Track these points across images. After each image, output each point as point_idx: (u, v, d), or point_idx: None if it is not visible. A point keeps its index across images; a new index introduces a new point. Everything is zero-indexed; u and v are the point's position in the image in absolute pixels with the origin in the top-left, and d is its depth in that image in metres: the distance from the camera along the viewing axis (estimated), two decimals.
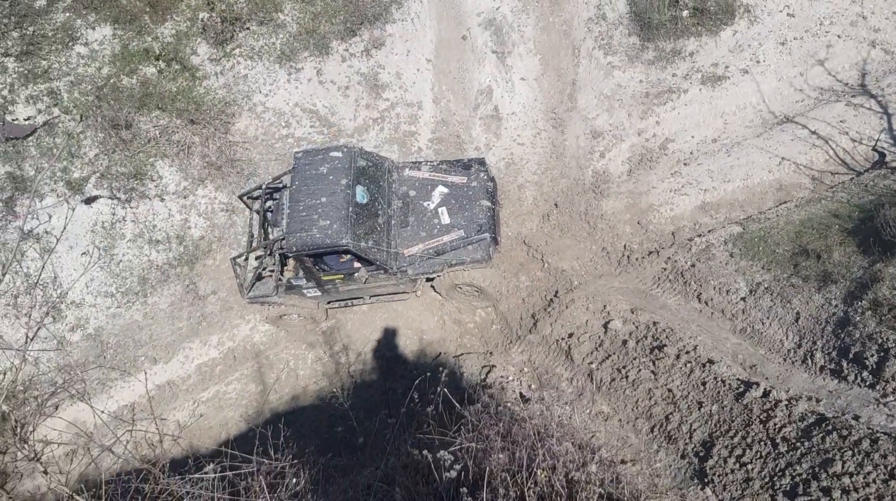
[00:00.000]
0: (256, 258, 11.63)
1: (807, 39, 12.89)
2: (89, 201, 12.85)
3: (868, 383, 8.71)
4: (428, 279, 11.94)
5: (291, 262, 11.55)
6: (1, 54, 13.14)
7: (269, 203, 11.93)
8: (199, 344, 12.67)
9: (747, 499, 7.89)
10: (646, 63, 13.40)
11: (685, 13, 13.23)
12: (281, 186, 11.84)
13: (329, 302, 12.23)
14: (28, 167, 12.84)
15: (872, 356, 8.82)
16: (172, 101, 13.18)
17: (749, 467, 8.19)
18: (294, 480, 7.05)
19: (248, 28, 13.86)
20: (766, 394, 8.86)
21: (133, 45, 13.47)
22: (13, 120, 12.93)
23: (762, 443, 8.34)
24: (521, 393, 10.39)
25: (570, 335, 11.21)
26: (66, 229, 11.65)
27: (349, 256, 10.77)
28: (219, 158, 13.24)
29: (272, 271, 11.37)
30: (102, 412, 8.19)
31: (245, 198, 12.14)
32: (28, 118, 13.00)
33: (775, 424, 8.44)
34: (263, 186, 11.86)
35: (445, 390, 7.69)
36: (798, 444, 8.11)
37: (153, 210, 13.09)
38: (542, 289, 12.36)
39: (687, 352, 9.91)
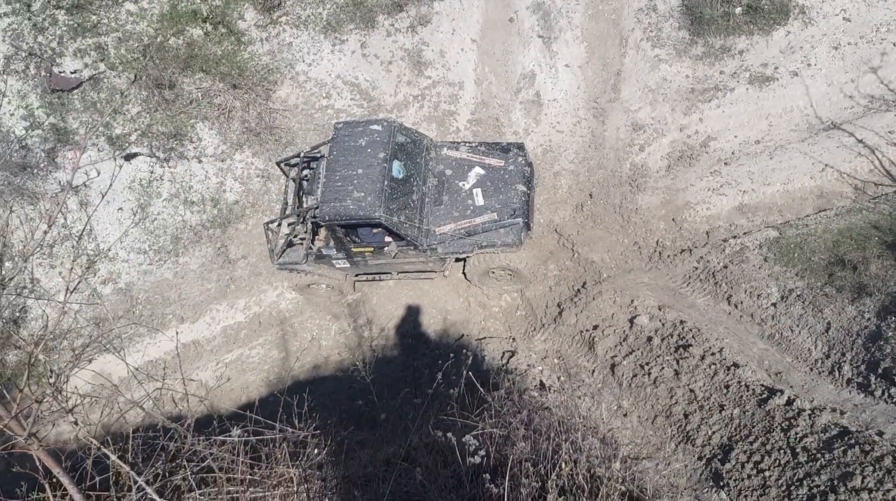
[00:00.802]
0: (289, 225, 11.71)
1: (861, 45, 12.61)
2: (129, 157, 13.01)
3: (895, 399, 8.62)
4: (458, 260, 11.95)
5: (323, 231, 11.62)
6: (52, 6, 13.25)
7: (305, 172, 11.99)
8: (226, 307, 12.84)
9: None
10: (693, 58, 13.19)
11: (738, 10, 12.99)
12: (318, 155, 11.88)
13: (357, 275, 12.29)
14: (72, 120, 13.00)
15: None
16: (216, 64, 13.25)
17: (766, 474, 8.17)
18: (315, 451, 7.15)
19: None
20: (789, 402, 8.81)
21: (182, 6, 13.52)
22: (60, 72, 13.07)
23: (782, 451, 8.31)
24: (541, 381, 10.41)
25: (595, 328, 11.20)
26: (111, 187, 11.80)
27: (380, 229, 10.81)
28: (258, 125, 13.32)
29: (303, 238, 11.45)
30: (137, 369, 8.34)
31: (282, 165, 12.20)
32: (74, 71, 13.13)
33: (797, 433, 8.40)
34: (301, 154, 11.91)
35: (470, 373, 7.73)
36: (818, 455, 8.07)
37: (190, 171, 13.22)
38: (570, 279, 12.33)
39: (712, 354, 9.87)
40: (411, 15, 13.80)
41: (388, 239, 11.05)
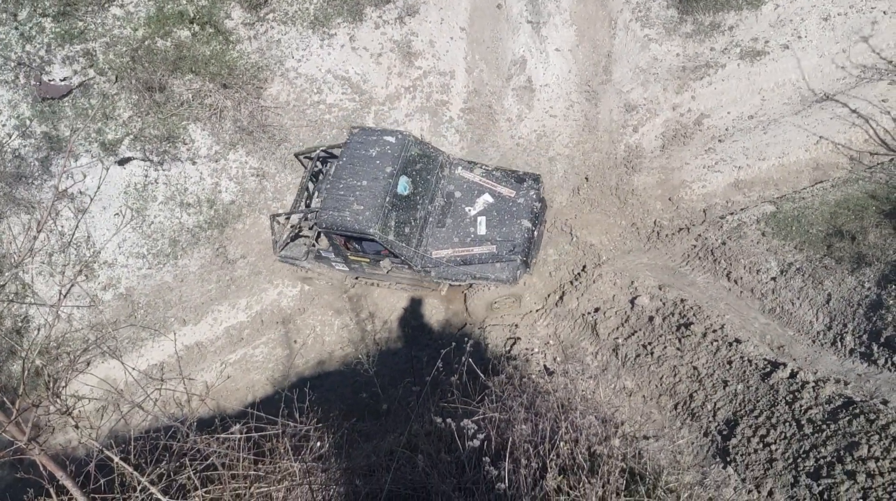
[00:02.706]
0: (298, 219, 11.72)
1: (851, 15, 12.54)
2: (122, 162, 12.99)
3: None
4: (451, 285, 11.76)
5: None
6: (39, 14, 13.22)
7: (320, 166, 11.95)
8: (227, 307, 12.84)
9: (770, 479, 7.87)
10: (683, 36, 13.13)
11: None
12: (336, 153, 11.83)
13: (357, 277, 12.29)
14: (63, 127, 12.98)
15: None
16: (206, 64, 13.21)
17: (773, 447, 8.16)
18: (318, 443, 7.15)
19: None
20: (793, 375, 8.79)
21: (168, 8, 13.48)
22: (49, 80, 13.05)
23: (787, 424, 8.30)
24: (545, 366, 10.41)
25: (597, 310, 11.19)
26: (99, 190, 11.81)
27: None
28: (250, 123, 13.29)
29: (307, 235, 11.45)
30: (134, 369, 8.36)
31: (301, 157, 12.16)
32: (64, 79, 13.11)
33: (801, 405, 8.39)
34: (318, 150, 11.88)
35: (470, 360, 7.72)
36: (824, 426, 8.05)
37: (185, 173, 13.20)
38: (570, 263, 12.31)
39: (714, 330, 9.85)
40: (399, 6, 13.74)
41: (385, 252, 10.97)
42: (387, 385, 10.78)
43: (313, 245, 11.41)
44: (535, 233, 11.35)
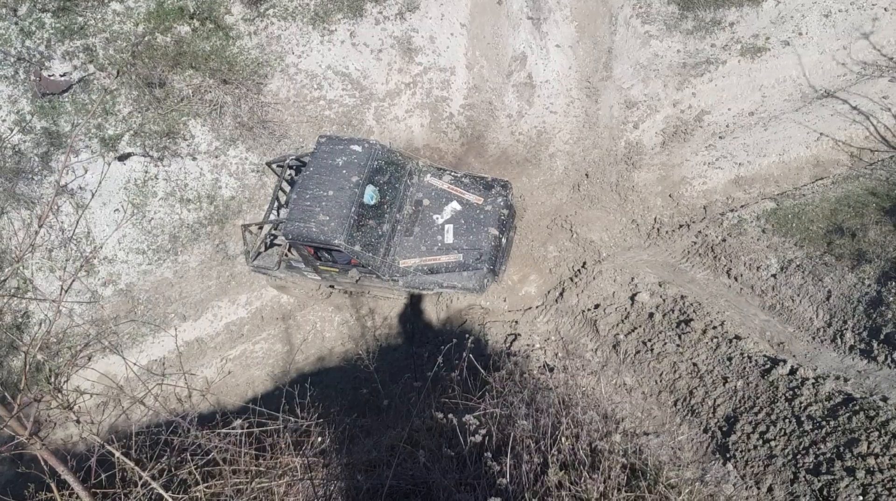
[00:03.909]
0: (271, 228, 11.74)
1: (852, 12, 12.54)
2: (122, 158, 12.97)
3: None
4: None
5: None
6: (38, 10, 13.21)
7: (291, 173, 11.94)
8: (227, 303, 12.84)
9: (769, 476, 7.88)
10: (684, 33, 13.12)
11: None
12: (306, 161, 11.85)
13: (330, 285, 12.32)
14: (63, 123, 12.98)
15: None
16: (206, 60, 13.20)
17: (772, 444, 8.17)
18: (319, 439, 7.17)
19: None
20: (792, 372, 8.81)
21: (168, 3, 13.47)
22: (49, 75, 13.04)
23: (787, 421, 8.31)
24: (545, 362, 10.41)
25: (597, 306, 11.19)
26: (101, 185, 11.78)
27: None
28: (250, 119, 13.29)
29: (280, 244, 11.48)
30: (135, 364, 8.35)
31: (273, 166, 12.16)
32: (64, 74, 13.10)
33: (801, 402, 8.40)
34: (287, 160, 11.85)
35: (471, 356, 7.72)
36: (823, 423, 8.07)
37: (185, 169, 13.19)
38: (570, 259, 12.31)
39: (714, 327, 9.86)
40: (399, 2, 13.73)
41: (353, 262, 10.96)
42: (387, 381, 10.79)
43: (286, 255, 11.40)
44: (503, 240, 11.31)
